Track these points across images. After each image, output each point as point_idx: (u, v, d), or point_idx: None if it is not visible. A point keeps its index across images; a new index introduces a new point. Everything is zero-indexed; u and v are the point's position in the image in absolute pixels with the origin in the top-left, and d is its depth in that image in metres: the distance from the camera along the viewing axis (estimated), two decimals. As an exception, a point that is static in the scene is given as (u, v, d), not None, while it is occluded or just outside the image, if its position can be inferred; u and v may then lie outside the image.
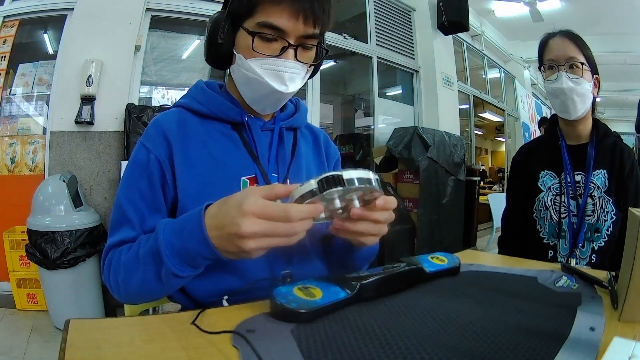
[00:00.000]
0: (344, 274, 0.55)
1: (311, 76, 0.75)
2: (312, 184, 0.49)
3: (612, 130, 1.14)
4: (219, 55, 0.70)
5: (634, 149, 1.12)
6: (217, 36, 0.68)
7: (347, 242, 0.64)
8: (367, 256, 0.73)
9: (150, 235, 0.59)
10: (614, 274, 0.60)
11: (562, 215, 1.10)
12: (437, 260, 0.65)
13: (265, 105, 0.72)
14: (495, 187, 6.69)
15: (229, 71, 0.74)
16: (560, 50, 1.07)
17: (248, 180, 0.71)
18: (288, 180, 0.74)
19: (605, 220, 1.06)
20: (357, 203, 0.53)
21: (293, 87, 0.68)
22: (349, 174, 0.49)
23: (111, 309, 2.16)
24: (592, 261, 1.07)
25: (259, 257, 0.50)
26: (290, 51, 0.66)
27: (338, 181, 0.48)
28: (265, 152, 0.74)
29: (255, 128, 0.74)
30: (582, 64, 1.05)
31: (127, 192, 0.68)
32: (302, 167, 0.77)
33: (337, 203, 0.51)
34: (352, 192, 0.51)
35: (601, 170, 1.08)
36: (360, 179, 0.50)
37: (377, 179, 0.52)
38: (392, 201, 0.56)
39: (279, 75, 0.66)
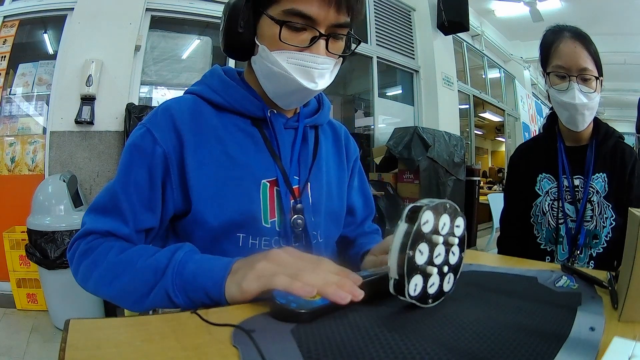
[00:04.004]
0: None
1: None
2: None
3: (614, 129, 1.10)
4: (239, 45, 0.63)
5: (634, 150, 1.10)
6: (237, 24, 0.61)
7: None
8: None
9: (158, 249, 0.57)
10: (614, 274, 0.60)
11: (560, 221, 1.06)
12: (437, 260, 0.65)
13: (290, 101, 0.67)
14: (495, 187, 6.68)
15: (248, 61, 0.68)
16: (572, 58, 0.99)
17: (268, 184, 0.65)
18: (309, 184, 0.69)
19: (604, 227, 1.03)
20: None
21: (322, 83, 0.62)
22: (423, 201, 0.47)
23: (111, 309, 2.16)
24: (590, 268, 1.05)
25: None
26: (321, 42, 0.60)
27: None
28: (288, 152, 0.68)
29: (278, 125, 0.68)
30: (596, 77, 0.99)
31: (124, 181, 0.62)
32: (323, 170, 0.73)
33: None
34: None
35: (601, 174, 1.05)
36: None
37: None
38: None
39: (308, 71, 0.60)
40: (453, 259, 0.51)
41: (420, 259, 0.46)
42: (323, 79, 0.62)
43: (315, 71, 0.61)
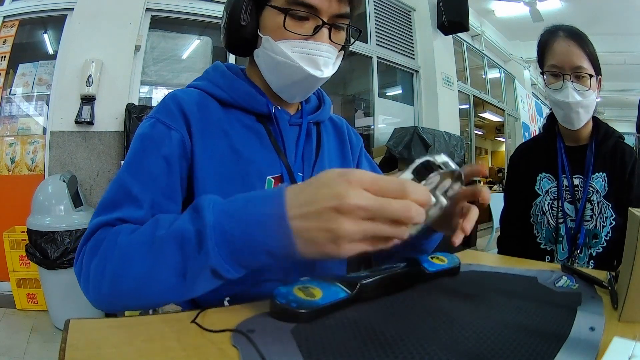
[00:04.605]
0: (344, 275, 0.55)
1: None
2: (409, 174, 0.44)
3: (614, 129, 1.10)
4: (242, 38, 0.63)
5: (634, 149, 1.09)
6: (239, 17, 0.61)
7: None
8: (438, 237, 0.71)
9: (177, 216, 0.46)
10: (614, 273, 0.60)
11: (560, 221, 1.06)
12: (437, 260, 0.65)
13: (295, 92, 0.66)
14: (495, 187, 6.67)
15: (250, 57, 0.68)
16: (565, 57, 0.99)
17: (273, 180, 0.65)
18: None
19: (603, 226, 1.03)
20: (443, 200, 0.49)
21: (328, 72, 0.63)
22: (440, 157, 0.46)
23: (111, 309, 2.16)
24: (590, 268, 1.04)
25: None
26: (325, 31, 0.61)
27: (438, 166, 0.45)
28: (292, 148, 0.68)
29: (282, 121, 0.68)
30: (591, 75, 0.98)
31: (133, 170, 0.57)
32: (326, 166, 0.73)
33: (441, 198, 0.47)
34: (447, 179, 0.48)
35: (601, 173, 1.05)
36: (448, 163, 0.47)
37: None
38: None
39: (313, 59, 0.60)
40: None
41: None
42: (328, 67, 0.63)
43: (320, 59, 0.61)
